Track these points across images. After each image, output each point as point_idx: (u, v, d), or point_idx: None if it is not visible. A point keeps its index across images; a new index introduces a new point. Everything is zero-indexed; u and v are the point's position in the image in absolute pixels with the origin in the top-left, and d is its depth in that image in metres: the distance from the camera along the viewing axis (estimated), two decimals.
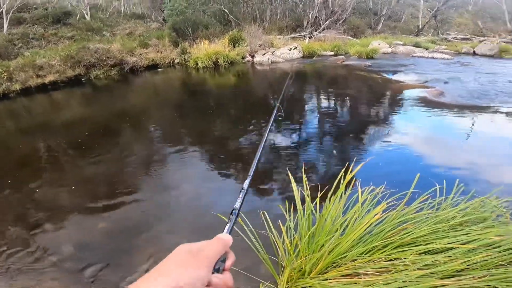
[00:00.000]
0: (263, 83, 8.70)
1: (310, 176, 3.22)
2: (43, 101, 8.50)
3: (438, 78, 7.55)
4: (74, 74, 10.27)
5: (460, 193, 1.80)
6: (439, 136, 4.17)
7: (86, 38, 12.72)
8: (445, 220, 1.48)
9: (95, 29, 13.50)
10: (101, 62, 10.61)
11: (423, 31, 18.24)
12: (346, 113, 5.56)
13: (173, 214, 2.81)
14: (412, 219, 1.58)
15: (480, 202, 1.63)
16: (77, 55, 10.35)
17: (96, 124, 5.76)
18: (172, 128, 5.24)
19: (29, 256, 2.40)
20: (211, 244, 0.41)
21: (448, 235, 1.39)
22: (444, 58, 10.93)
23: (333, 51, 12.26)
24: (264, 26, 15.41)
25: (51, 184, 3.54)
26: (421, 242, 1.43)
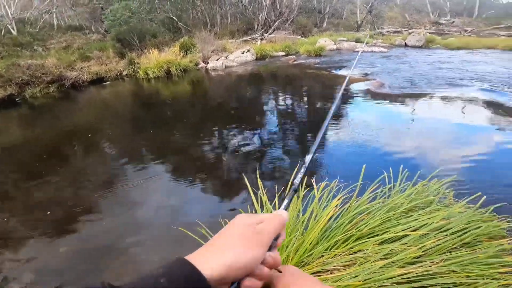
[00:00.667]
0: (219, 89, 8.64)
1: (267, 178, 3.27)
2: None
3: (378, 71, 8.27)
4: (6, 94, 9.10)
5: (405, 179, 1.97)
6: (384, 125, 4.54)
7: (15, 54, 11.39)
8: (396, 208, 1.60)
9: (24, 44, 12.15)
10: (36, 79, 9.55)
11: (362, 27, 19.83)
12: (301, 111, 5.78)
13: (138, 230, 2.68)
14: (367, 210, 1.68)
15: (422, 187, 1.79)
16: (6, 73, 9.18)
17: (40, 147, 5.17)
18: (128, 144, 4.93)
19: None
20: (271, 221, 0.39)
21: (400, 222, 1.50)
22: (381, 52, 12.00)
23: (284, 51, 12.68)
24: (215, 31, 15.32)
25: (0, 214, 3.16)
26: (378, 232, 1.53)
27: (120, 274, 2.18)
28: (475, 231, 1.50)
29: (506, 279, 1.31)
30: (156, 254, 2.36)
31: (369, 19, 20.54)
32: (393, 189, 1.88)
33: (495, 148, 3.54)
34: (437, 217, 1.52)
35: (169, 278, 0.30)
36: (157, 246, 2.46)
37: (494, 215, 1.80)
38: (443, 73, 7.71)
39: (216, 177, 3.51)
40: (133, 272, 2.19)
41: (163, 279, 0.30)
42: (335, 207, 1.67)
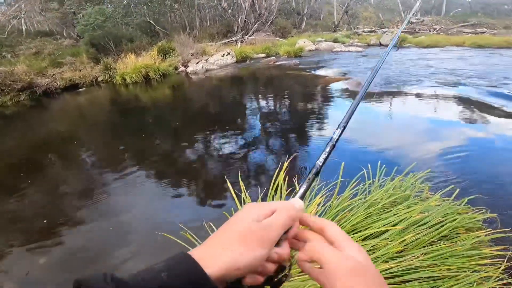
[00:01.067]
0: (200, 93, 8.54)
1: (249, 180, 3.26)
2: None
3: (354, 70, 8.51)
4: None
5: (384, 174, 2.02)
6: (361, 122, 4.67)
7: None
8: (375, 203, 1.63)
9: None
10: (5, 87, 9.04)
11: (339, 27, 20.37)
12: (282, 112, 5.82)
13: (121, 238, 2.59)
14: (348, 207, 1.71)
15: (398, 182, 1.85)
16: None
17: (13, 158, 4.86)
18: (107, 152, 4.75)
19: None
20: (281, 214, 0.35)
21: (380, 218, 1.53)
22: (358, 51, 12.37)
23: (265, 53, 12.77)
24: (194, 34, 15.18)
25: None
26: (360, 228, 1.55)
27: None
28: (451, 224, 1.55)
29: (486, 271, 1.35)
30: (140, 262, 2.29)
31: (345, 19, 21.15)
32: (372, 185, 1.92)
33: (466, 142, 3.73)
34: (415, 211, 1.56)
35: (169, 273, 0.29)
36: (141, 254, 2.39)
37: (469, 207, 1.87)
38: (417, 71, 8.06)
39: (198, 181, 3.46)
40: None
41: (163, 274, 0.28)
42: (317, 205, 1.68)
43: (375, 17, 24.76)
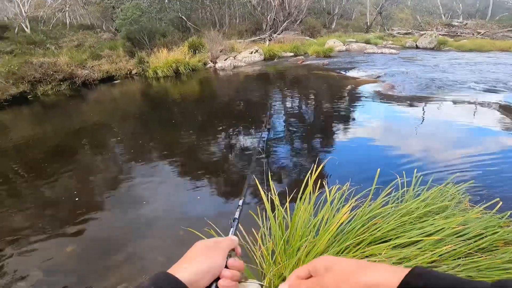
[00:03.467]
0: (227, 88, 8.65)
1: (278, 180, 3.24)
2: None
3: (388, 73, 8.16)
4: (18, 91, 9.29)
5: (420, 183, 1.93)
6: (395, 128, 4.48)
7: (28, 52, 11.64)
8: (410, 212, 1.56)
9: (37, 42, 12.40)
10: (48, 77, 9.75)
11: (371, 28, 19.63)
12: (310, 113, 5.73)
13: (144, 230, 2.68)
14: (380, 214, 1.65)
15: (439, 191, 1.75)
16: (19, 71, 9.39)
17: (51, 144, 5.26)
18: (136, 142, 4.96)
19: None
20: (224, 239, 0.53)
21: (414, 227, 1.46)
22: (391, 53, 11.85)
23: (293, 52, 12.64)
24: (224, 31, 15.38)
25: (9, 210, 3.21)
26: (391, 236, 1.49)
27: (124, 274, 2.18)
28: (492, 237, 1.46)
29: None
30: (162, 254, 2.34)
31: (379, 20, 20.33)
32: (406, 194, 1.84)
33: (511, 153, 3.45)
34: (453, 223, 1.48)
35: (156, 286, 0.40)
36: (164, 246, 2.45)
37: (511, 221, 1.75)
38: (455, 76, 7.57)
39: (223, 177, 3.50)
40: (138, 272, 2.19)
41: (152, 287, 0.40)
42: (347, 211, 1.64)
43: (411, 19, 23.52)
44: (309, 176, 1.73)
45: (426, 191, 1.78)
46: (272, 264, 1.69)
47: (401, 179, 1.94)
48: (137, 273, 2.18)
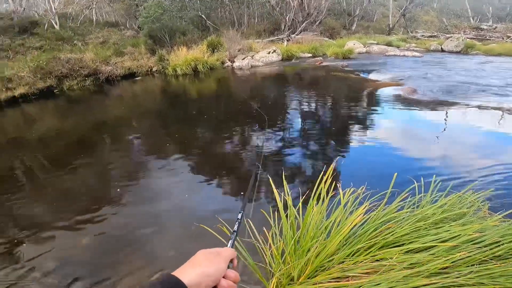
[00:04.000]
0: (244, 88, 8.70)
1: (291, 180, 3.23)
2: (15, 115, 8.03)
3: (410, 76, 7.90)
4: (45, 85, 9.79)
5: (437, 189, 1.87)
6: (415, 133, 4.35)
7: (56, 47, 12.22)
8: (426, 218, 1.52)
9: (65, 38, 12.98)
10: (74, 72, 10.20)
11: (394, 30, 19.07)
12: (326, 114, 5.66)
13: (158, 225, 2.73)
14: (394, 219, 1.62)
15: (457, 198, 1.69)
16: (47, 66, 9.88)
17: (73, 137, 5.51)
18: (154, 138, 5.11)
19: (11, 273, 2.32)
20: (225, 250, 0.56)
21: (429, 233, 1.43)
22: (414, 56, 11.46)
23: (311, 53, 12.52)
24: (242, 30, 15.48)
25: (30, 201, 3.37)
26: (404, 241, 1.47)
27: (135, 269, 2.22)
28: (508, 245, 1.41)
29: None
30: (173, 248, 2.37)
31: (402, 22, 19.72)
32: (423, 199, 1.79)
33: None
34: (470, 230, 1.44)
35: (162, 286, 0.44)
36: (175, 241, 2.48)
37: None
38: (482, 81, 7.22)
39: (236, 175, 3.53)
40: (149, 266, 2.23)
41: (158, 286, 0.44)
42: (361, 215, 1.62)
43: (437, 22, 22.62)
44: (323, 177, 1.72)
45: (444, 197, 1.73)
46: (281, 264, 1.70)
47: (418, 184, 1.89)
48: (147, 267, 2.22)
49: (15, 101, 9.12)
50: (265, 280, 1.73)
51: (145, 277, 2.12)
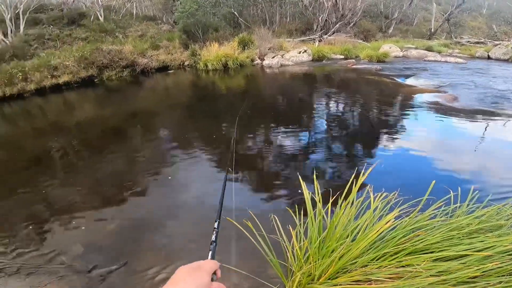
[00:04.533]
0: (271, 86, 8.71)
1: (320, 181, 3.18)
2: (57, 101, 8.71)
3: (451, 83, 7.41)
4: (87, 74, 10.51)
5: (475, 200, 1.76)
6: (454, 142, 4.09)
7: (100, 39, 13.00)
8: (460, 227, 1.45)
9: (108, 31, 13.77)
10: (113, 63, 10.83)
11: (436, 35, 17.97)
12: (357, 118, 5.49)
13: (181, 216, 2.79)
14: (425, 226, 1.55)
15: (496, 210, 1.59)
16: (90, 56, 10.59)
17: (108, 124, 5.86)
18: (182, 130, 5.28)
19: (40, 255, 2.41)
20: (206, 262, 0.54)
21: (462, 242, 1.36)
22: (457, 62, 10.73)
23: (343, 55, 12.20)
24: (273, 29, 15.46)
25: (62, 184, 3.57)
26: (434, 249, 1.41)
27: (156, 257, 2.28)
28: None
29: None
30: (193, 241, 2.40)
31: (445, 27, 18.52)
32: (458, 209, 1.70)
33: None
34: (506, 241, 1.35)
35: None
36: (195, 233, 2.50)
37: None
38: None
39: (261, 172, 3.55)
40: (168, 256, 2.27)
41: None
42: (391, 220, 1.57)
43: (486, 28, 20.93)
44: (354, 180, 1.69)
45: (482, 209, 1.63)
46: (303, 263, 1.69)
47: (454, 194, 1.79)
48: (167, 257, 2.27)
49: (58, 88, 9.90)
50: (285, 278, 1.74)
51: (164, 269, 2.15)
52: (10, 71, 9.42)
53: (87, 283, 2.12)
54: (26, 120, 7.05)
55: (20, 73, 9.50)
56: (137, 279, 2.10)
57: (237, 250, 2.08)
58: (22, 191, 3.51)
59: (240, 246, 2.11)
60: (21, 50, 10.92)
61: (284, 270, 1.81)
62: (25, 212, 3.06)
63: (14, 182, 3.81)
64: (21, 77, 9.47)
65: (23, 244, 2.56)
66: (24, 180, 3.81)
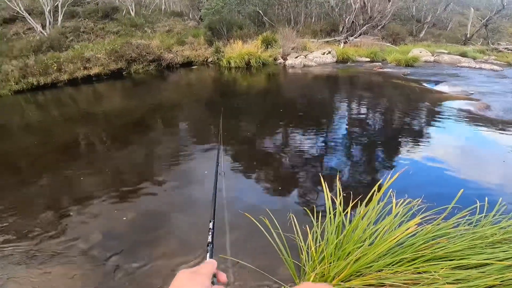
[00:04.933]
0: (293, 86, 8.65)
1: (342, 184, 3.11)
2: (87, 91, 9.19)
3: (484, 91, 6.98)
4: (116, 67, 10.98)
5: (502, 212, 1.67)
6: (483, 153, 3.86)
7: (130, 33, 13.51)
8: (484, 237, 1.38)
9: (138, 25, 14.27)
10: (141, 57, 11.24)
11: (471, 40, 16.99)
12: (381, 122, 5.32)
13: (196, 208, 2.82)
14: (447, 234, 1.49)
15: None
16: (120, 50, 11.05)
17: (132, 116, 6.09)
18: (201, 125, 5.37)
19: (59, 242, 2.47)
20: (205, 265, 0.54)
21: (484, 252, 1.31)
22: (493, 70, 10.08)
23: (369, 58, 11.86)
24: (298, 29, 15.32)
25: (84, 172, 3.70)
26: (454, 256, 1.35)
27: (169, 249, 2.32)
28: None
29: None
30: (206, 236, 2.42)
31: (482, 33, 17.46)
32: (483, 219, 1.62)
33: None
34: None
35: None
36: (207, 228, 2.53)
37: None
38: None
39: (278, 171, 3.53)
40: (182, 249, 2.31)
41: None
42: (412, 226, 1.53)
43: None
44: (378, 185, 1.66)
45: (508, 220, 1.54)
46: (317, 264, 1.68)
47: (480, 204, 1.70)
48: (180, 250, 2.30)
49: (89, 79, 10.43)
50: (296, 278, 1.74)
51: (177, 262, 2.18)
52: (46, 62, 10.05)
53: (103, 271, 2.16)
54: (57, 108, 7.50)
55: (55, 64, 10.11)
56: (150, 269, 2.13)
57: None
58: (47, 176, 3.69)
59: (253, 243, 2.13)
60: (58, 42, 11.60)
61: (298, 270, 1.81)
62: (48, 198, 3.17)
63: (41, 166, 4.03)
64: (55, 68, 10.08)
65: (43, 230, 2.63)
66: (50, 165, 4.02)
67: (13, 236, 2.60)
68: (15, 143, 5.22)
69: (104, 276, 2.11)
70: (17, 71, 9.58)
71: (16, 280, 2.10)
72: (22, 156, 4.51)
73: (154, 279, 2.04)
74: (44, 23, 12.81)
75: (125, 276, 2.08)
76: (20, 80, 9.59)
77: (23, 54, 10.39)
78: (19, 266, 2.24)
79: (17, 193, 3.34)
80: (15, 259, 2.31)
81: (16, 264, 2.26)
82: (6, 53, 10.41)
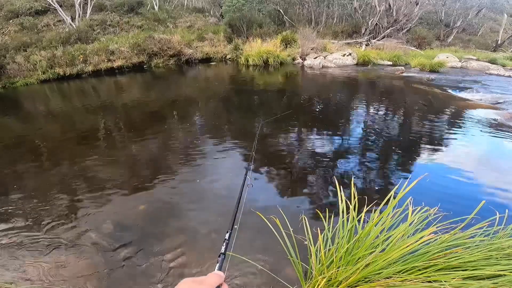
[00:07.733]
0: (311, 87, 8.54)
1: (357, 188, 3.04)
2: (109, 83, 9.52)
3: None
4: (138, 61, 11.30)
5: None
6: (508, 164, 3.65)
7: (153, 28, 13.85)
8: (500, 248, 1.32)
9: (161, 20, 14.59)
10: (162, 52, 11.51)
11: (502, 47, 16.11)
12: (401, 128, 5.13)
13: (208, 203, 2.83)
14: (463, 244, 1.43)
15: None
16: (143, 44, 11.36)
17: (150, 109, 6.25)
18: (216, 121, 5.41)
19: (71, 231, 2.51)
20: (210, 276, 0.53)
21: (499, 263, 1.25)
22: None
23: (392, 61, 11.51)
24: (318, 29, 15.11)
25: (100, 162, 3.79)
26: (468, 267, 1.30)
27: (178, 242, 2.33)
28: None
29: None
30: (215, 231, 2.41)
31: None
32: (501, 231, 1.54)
33: None
34: None
35: None
36: (217, 223, 2.51)
37: None
38: None
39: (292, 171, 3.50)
40: (191, 242, 2.32)
41: None
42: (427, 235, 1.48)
43: None
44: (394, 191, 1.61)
45: None
46: (326, 268, 1.66)
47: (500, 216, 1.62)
48: (189, 243, 2.32)
49: (112, 71, 10.81)
50: (303, 281, 1.72)
51: (186, 258, 2.18)
52: (73, 53, 10.50)
53: (112, 262, 2.18)
54: (80, 98, 7.82)
55: (81, 55, 10.54)
56: (158, 262, 2.15)
57: None
58: (66, 163, 3.82)
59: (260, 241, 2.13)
60: (85, 34, 12.08)
61: (306, 272, 1.79)
62: (64, 186, 3.26)
63: (60, 153, 4.19)
64: (81, 59, 10.51)
65: (56, 218, 2.68)
66: (69, 153, 4.18)
67: (28, 223, 2.65)
68: (38, 129, 5.50)
69: (113, 265, 2.14)
70: (45, 61, 10.08)
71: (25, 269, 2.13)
72: (44, 142, 4.73)
73: (159, 273, 2.06)
74: (74, 15, 13.35)
75: (134, 267, 2.11)
76: (47, 70, 10.08)
77: (52, 45, 10.91)
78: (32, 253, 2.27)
79: (37, 179, 3.47)
80: (27, 247, 2.35)
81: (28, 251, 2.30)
82: (36, 44, 10.97)
